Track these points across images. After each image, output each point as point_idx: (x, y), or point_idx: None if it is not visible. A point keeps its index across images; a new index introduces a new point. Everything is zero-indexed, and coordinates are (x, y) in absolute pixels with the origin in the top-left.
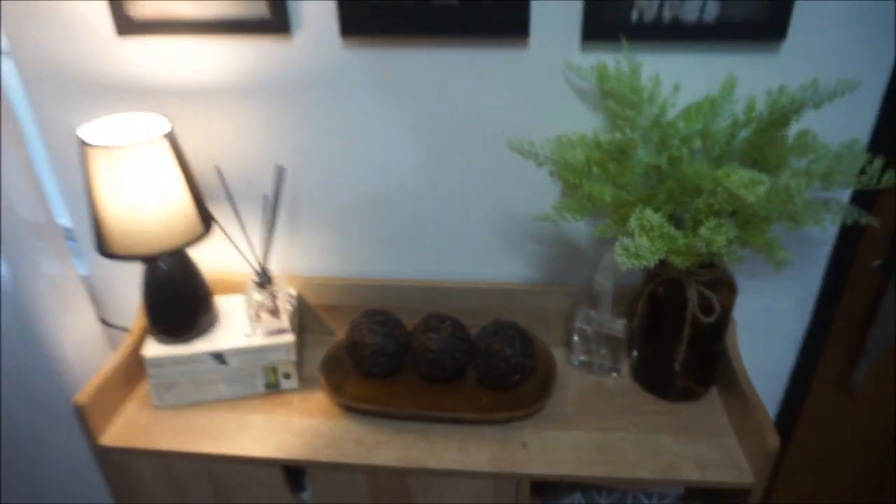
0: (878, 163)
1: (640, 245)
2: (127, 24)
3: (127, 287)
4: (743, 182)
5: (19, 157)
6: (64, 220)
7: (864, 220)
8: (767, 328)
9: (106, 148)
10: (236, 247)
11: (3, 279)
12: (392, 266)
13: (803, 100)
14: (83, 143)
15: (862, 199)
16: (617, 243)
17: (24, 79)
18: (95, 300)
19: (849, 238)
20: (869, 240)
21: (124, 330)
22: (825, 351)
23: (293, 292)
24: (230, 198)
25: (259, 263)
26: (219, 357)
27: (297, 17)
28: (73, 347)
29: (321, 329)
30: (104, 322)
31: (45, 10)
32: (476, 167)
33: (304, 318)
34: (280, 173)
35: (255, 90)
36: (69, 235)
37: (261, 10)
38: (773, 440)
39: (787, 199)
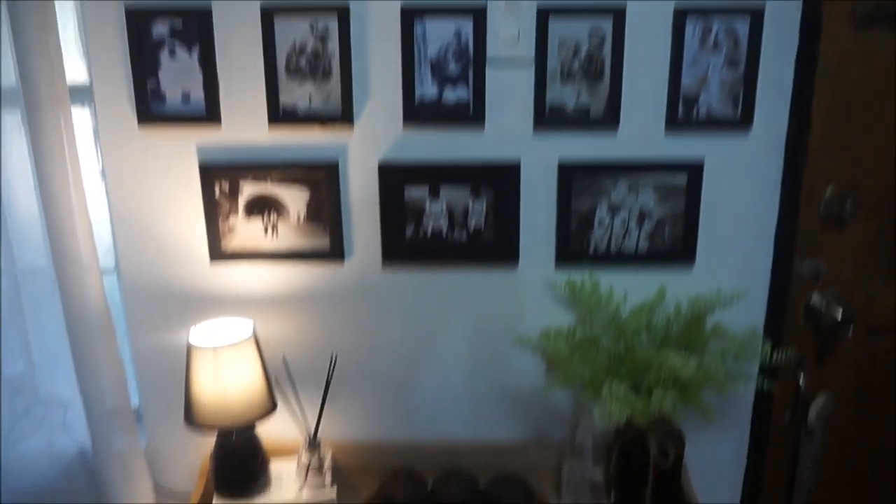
0: (766, 347)
1: (612, 409)
2: (219, 254)
3: (179, 456)
4: (678, 363)
5: (111, 355)
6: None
7: (767, 386)
8: (713, 474)
9: (211, 349)
10: (296, 419)
11: (83, 453)
12: (411, 430)
13: (712, 303)
14: (191, 346)
15: (768, 369)
16: (595, 410)
17: (124, 293)
18: (151, 468)
19: (764, 399)
20: (779, 400)
21: (180, 493)
22: (763, 489)
23: (329, 454)
24: (291, 380)
25: (310, 432)
26: None
27: (349, 248)
28: None
29: (346, 486)
30: (159, 486)
31: (153, 237)
32: (482, 352)
33: (334, 477)
34: (334, 360)
35: (314, 300)
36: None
37: (323, 243)
38: None
39: (711, 375)
